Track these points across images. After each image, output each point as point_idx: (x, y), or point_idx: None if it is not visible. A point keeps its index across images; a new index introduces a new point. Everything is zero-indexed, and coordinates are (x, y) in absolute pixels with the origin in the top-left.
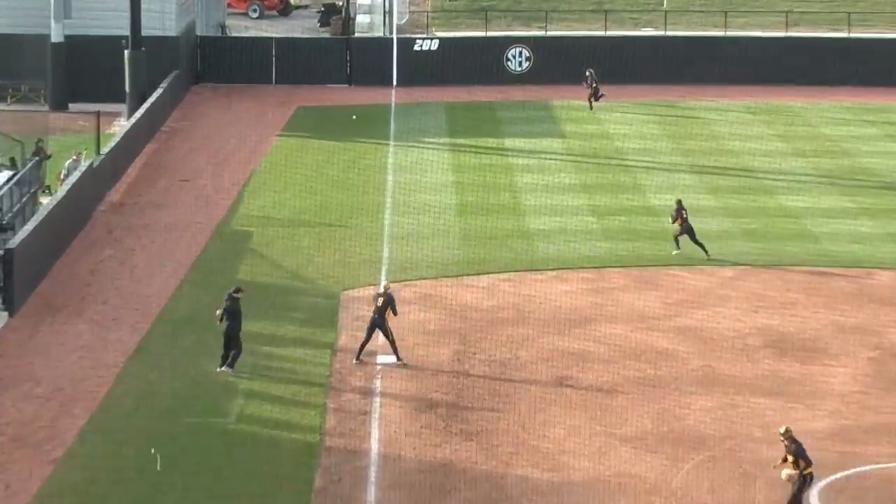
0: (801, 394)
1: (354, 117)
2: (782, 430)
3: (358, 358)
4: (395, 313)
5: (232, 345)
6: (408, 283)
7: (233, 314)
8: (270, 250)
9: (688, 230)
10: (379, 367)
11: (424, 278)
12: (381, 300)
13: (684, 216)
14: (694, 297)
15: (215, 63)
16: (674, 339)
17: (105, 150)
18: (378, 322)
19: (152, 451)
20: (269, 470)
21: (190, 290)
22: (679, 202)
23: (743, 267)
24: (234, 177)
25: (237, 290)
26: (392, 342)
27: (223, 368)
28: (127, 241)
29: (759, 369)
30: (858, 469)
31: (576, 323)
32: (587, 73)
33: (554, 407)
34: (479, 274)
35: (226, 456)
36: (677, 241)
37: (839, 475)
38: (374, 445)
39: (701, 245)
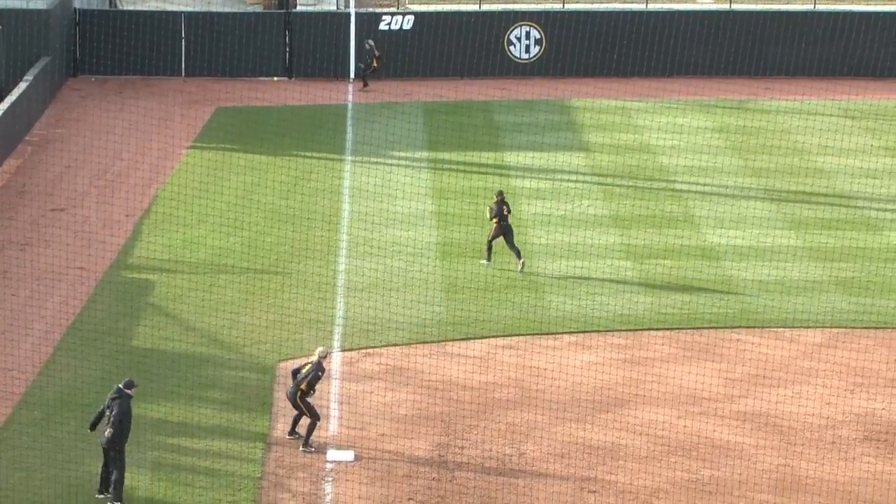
0: None
1: None
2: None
3: (291, 432)
4: (309, 388)
5: (113, 463)
6: (370, 350)
7: (120, 418)
8: (179, 307)
9: (505, 231)
10: (330, 465)
11: (394, 344)
12: (306, 366)
13: (505, 212)
14: (767, 370)
15: (101, 47)
16: (738, 428)
17: None
18: (290, 394)
19: None
20: None
21: (66, 361)
22: (500, 194)
23: (836, 330)
24: (129, 205)
25: (129, 385)
26: (310, 425)
27: (103, 497)
28: None
29: (858, 470)
30: None
31: (603, 406)
32: (367, 45)
33: None
34: (469, 339)
35: None
36: (490, 249)
37: None
38: None
39: (517, 251)
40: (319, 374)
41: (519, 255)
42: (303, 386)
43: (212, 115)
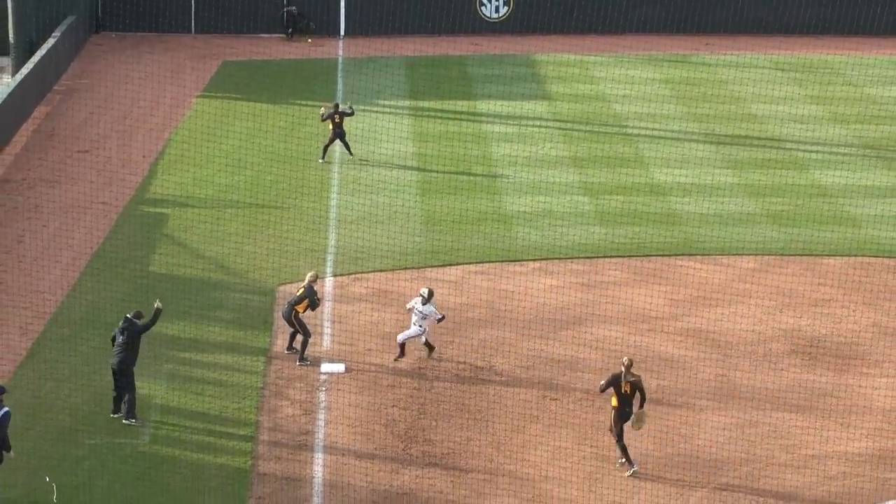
0: (834, 409)
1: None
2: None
3: (289, 348)
4: (312, 308)
5: (124, 386)
6: (359, 276)
7: (128, 345)
8: (190, 237)
9: (340, 136)
10: (323, 376)
11: (379, 270)
12: (300, 290)
13: (337, 120)
14: (707, 292)
15: (121, 6)
16: (682, 343)
17: None
18: (286, 314)
19: (47, 478)
20: (190, 502)
21: (91, 284)
22: (336, 105)
23: (767, 257)
24: (145, 147)
25: (137, 316)
26: (303, 342)
27: (118, 416)
28: (14, 226)
29: (785, 380)
30: None
31: (563, 324)
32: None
33: (536, 425)
34: (445, 265)
35: (138, 485)
36: (325, 151)
37: None
38: (318, 472)
39: (348, 147)
40: (316, 298)
41: (350, 152)
42: (299, 307)
43: (219, 68)
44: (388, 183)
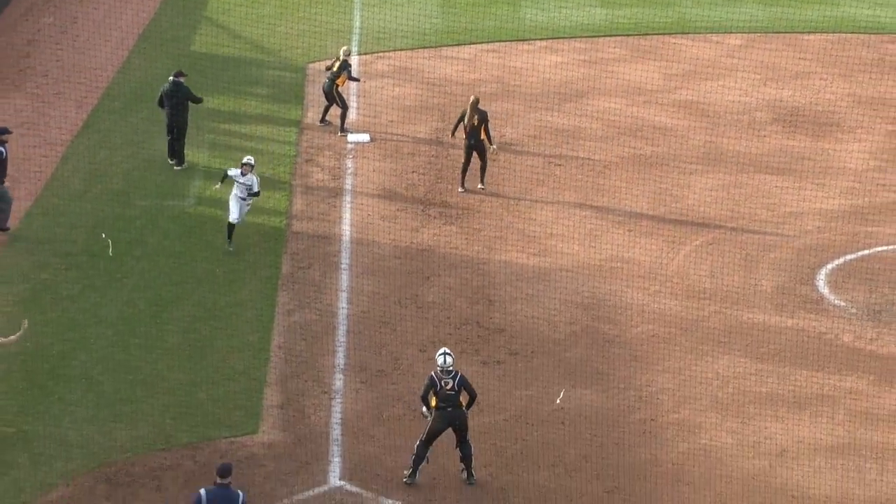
0: (811, 171)
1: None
2: None
3: (322, 120)
4: (350, 79)
5: (177, 137)
6: (381, 54)
7: (176, 102)
8: (228, 19)
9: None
10: (351, 146)
11: (400, 49)
12: (336, 64)
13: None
14: (697, 67)
15: None
16: (674, 113)
17: None
18: (326, 87)
19: (103, 235)
20: (232, 255)
21: (139, 62)
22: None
23: (753, 34)
24: None
25: (179, 74)
26: (342, 114)
27: (173, 162)
28: (68, 8)
29: (768, 145)
30: (870, 251)
31: (567, 97)
32: None
33: (542, 188)
34: (460, 44)
35: (185, 240)
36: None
37: (849, 257)
38: (346, 230)
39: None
40: (349, 68)
41: None
42: (339, 80)
43: None
44: None
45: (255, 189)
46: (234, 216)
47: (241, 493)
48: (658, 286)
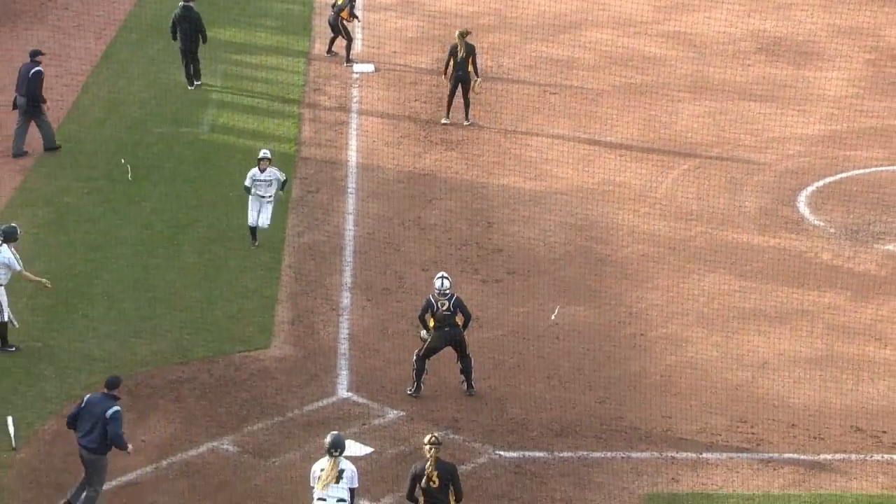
0: (793, 98)
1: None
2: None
3: (329, 51)
4: (352, 16)
5: (191, 59)
6: None
7: (187, 26)
8: None
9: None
10: (356, 75)
11: None
12: None
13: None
14: (685, 0)
15: None
16: (663, 44)
17: None
18: (332, 20)
19: (122, 161)
20: (243, 179)
21: None
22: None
23: None
24: None
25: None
26: (347, 45)
27: (192, 87)
28: None
29: (751, 74)
30: (848, 174)
31: (561, 28)
32: None
33: (538, 116)
34: None
35: (200, 165)
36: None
37: (828, 180)
38: (352, 155)
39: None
40: (353, 3)
41: None
42: (343, 13)
43: None
44: None
45: (282, 179)
46: (251, 219)
47: (114, 408)
48: (648, 208)
